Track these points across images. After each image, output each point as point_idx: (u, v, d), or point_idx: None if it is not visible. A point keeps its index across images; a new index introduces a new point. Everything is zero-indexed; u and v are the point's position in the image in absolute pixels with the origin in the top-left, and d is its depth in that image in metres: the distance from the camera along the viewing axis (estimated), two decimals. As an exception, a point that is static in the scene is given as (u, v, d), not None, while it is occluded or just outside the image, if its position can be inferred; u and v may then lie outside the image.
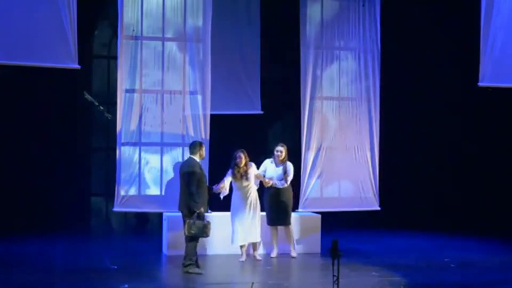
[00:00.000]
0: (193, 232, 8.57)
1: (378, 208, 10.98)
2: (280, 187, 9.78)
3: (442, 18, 12.59)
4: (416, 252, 10.47)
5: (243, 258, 9.35)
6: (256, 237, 9.41)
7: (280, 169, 9.78)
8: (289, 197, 9.85)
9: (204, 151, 9.03)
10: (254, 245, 9.55)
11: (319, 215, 10.32)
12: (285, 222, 9.80)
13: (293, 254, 9.83)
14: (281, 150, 9.80)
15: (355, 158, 10.96)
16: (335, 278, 6.53)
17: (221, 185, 9.32)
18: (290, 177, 9.81)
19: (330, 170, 10.33)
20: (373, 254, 10.23)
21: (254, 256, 9.27)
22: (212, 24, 10.08)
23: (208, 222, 8.72)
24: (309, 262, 9.66)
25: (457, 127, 12.85)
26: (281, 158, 9.79)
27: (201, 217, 8.64)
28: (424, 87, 12.82)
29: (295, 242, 9.92)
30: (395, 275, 8.68)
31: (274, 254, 9.81)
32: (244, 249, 9.39)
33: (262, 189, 9.83)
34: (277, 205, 9.74)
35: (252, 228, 9.35)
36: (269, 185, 9.71)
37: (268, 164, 9.87)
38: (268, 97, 11.47)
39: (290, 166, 9.86)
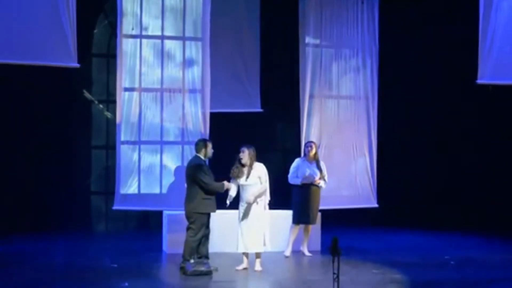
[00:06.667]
0: (197, 271, 8.40)
1: (376, 205, 11.00)
2: (324, 187, 9.78)
3: (441, 15, 12.56)
4: (416, 249, 10.44)
5: (241, 267, 8.71)
6: (258, 247, 8.63)
7: (314, 167, 9.69)
8: (319, 196, 9.84)
9: (210, 149, 8.74)
10: (256, 254, 8.74)
11: (319, 213, 10.23)
12: (314, 220, 9.79)
13: (308, 253, 9.81)
14: (311, 146, 9.75)
15: (354, 156, 11.01)
16: (335, 275, 6.48)
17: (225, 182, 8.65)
18: (326, 175, 9.80)
19: (329, 168, 10.29)
20: (373, 251, 10.20)
21: (255, 265, 8.69)
22: (211, 22, 10.05)
23: (215, 269, 8.50)
24: (309, 260, 9.62)
25: (456, 125, 12.81)
26: (312, 153, 9.69)
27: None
28: (423, 85, 12.76)
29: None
30: (396, 272, 8.63)
31: (288, 253, 9.68)
32: (245, 256, 8.73)
33: (291, 187, 9.71)
34: (310, 204, 9.67)
35: (255, 237, 8.58)
36: (317, 183, 9.63)
37: (299, 162, 9.72)
38: (267, 95, 11.44)
39: (323, 164, 9.84)
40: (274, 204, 9.22)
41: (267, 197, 8.75)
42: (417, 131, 12.86)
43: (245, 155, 8.62)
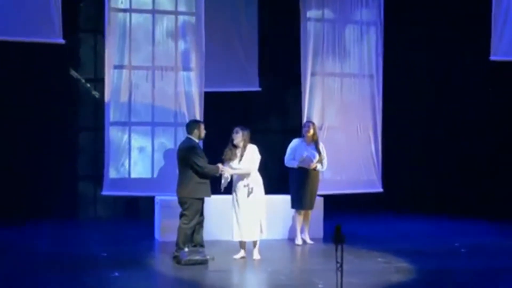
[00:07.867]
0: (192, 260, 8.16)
1: (381, 190, 10.87)
2: (322, 170, 9.49)
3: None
4: (424, 236, 10.25)
5: (238, 255, 8.50)
6: (253, 235, 8.43)
7: (312, 149, 9.34)
8: (318, 179, 9.54)
9: (203, 130, 8.49)
10: (254, 242, 8.54)
11: (321, 198, 10.01)
12: (312, 206, 9.53)
13: (310, 241, 9.52)
14: (309, 126, 9.44)
15: (358, 137, 10.86)
16: (338, 264, 6.24)
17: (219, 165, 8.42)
18: (326, 157, 9.46)
19: (331, 150, 10.03)
20: (378, 239, 9.98)
21: (253, 254, 8.49)
22: (206, -5, 9.94)
23: (212, 258, 8.23)
24: (311, 248, 9.43)
25: (465, 106, 12.50)
26: (310, 134, 9.37)
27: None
28: (430, 63, 12.51)
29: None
30: (402, 261, 8.43)
31: (299, 241, 9.43)
32: (243, 245, 8.55)
33: (288, 171, 9.43)
34: (308, 188, 9.37)
35: (252, 225, 8.37)
36: (314, 167, 9.29)
37: (296, 143, 9.40)
38: (266, 73, 11.27)
39: (322, 146, 9.49)
40: (272, 188, 9.05)
41: (249, 181, 8.33)
42: (424, 113, 12.60)
43: (238, 136, 8.42)
